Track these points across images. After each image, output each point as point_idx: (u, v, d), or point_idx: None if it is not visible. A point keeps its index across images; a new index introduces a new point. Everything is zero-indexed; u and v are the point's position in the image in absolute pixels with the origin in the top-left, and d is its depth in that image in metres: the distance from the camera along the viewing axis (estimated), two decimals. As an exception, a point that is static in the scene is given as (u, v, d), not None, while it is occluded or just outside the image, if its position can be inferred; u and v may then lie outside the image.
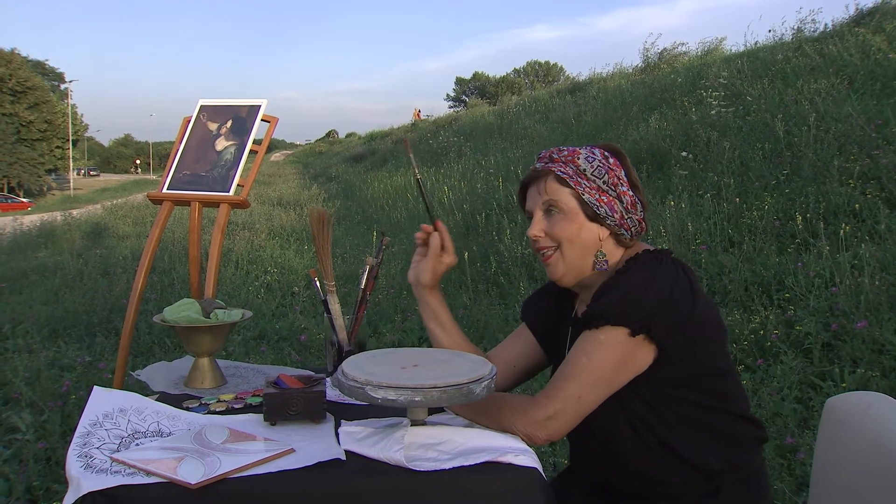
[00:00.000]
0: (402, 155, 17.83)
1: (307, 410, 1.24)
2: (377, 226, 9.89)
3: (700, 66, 11.10)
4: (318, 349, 4.77)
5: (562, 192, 1.29)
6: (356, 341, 1.52)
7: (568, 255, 1.30)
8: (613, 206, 1.29)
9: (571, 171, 1.29)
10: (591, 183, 1.28)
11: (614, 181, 1.29)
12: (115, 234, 11.23)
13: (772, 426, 2.86)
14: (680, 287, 1.20)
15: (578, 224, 1.29)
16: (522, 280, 5.54)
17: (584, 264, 1.31)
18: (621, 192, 1.29)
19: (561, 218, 1.29)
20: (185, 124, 2.28)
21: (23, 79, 39.24)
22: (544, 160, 1.34)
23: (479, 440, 1.13)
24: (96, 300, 6.16)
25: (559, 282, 1.35)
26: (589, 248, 1.30)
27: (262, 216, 11.33)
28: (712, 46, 13.99)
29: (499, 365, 1.45)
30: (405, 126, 27.35)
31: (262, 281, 6.91)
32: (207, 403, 1.39)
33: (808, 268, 4.04)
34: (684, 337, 1.19)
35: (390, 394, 1.05)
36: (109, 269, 7.72)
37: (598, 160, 1.29)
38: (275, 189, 16.32)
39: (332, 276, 1.51)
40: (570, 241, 1.29)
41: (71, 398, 3.60)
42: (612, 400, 1.21)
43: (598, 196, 1.28)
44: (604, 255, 1.30)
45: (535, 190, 1.33)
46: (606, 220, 1.29)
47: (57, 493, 2.67)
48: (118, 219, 13.07)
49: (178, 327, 1.51)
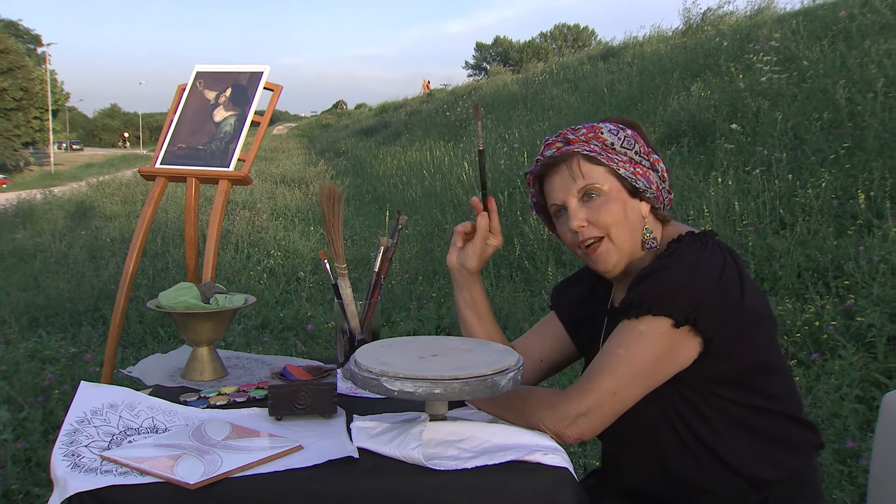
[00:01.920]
0: (418, 128, 17.79)
1: (316, 404, 1.24)
2: (390, 205, 9.90)
3: (749, 27, 10.90)
4: (326, 340, 4.80)
5: (596, 172, 1.27)
6: (369, 329, 1.52)
7: (619, 240, 1.28)
8: (649, 176, 1.29)
9: (598, 147, 1.28)
10: (622, 156, 1.27)
11: (644, 150, 1.29)
12: (101, 213, 11.33)
13: (829, 429, 2.83)
14: (728, 273, 1.19)
15: (623, 203, 1.27)
16: (550, 264, 5.53)
17: (636, 246, 1.30)
18: (654, 161, 1.29)
19: (603, 201, 1.27)
20: (179, 93, 2.28)
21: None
22: (558, 144, 1.31)
23: (504, 437, 1.13)
24: (82, 286, 6.22)
25: (609, 273, 1.32)
26: (636, 226, 1.29)
27: (264, 194, 11.37)
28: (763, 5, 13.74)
29: (524, 358, 1.45)
30: (420, 97, 27.27)
31: (265, 265, 6.95)
32: (207, 397, 1.40)
33: (872, 252, 3.98)
34: (732, 329, 1.18)
35: (407, 385, 1.05)
36: (96, 251, 7.81)
37: (620, 132, 1.29)
38: (278, 165, 16.37)
39: (343, 257, 1.51)
40: (619, 224, 1.27)
41: (54, 393, 3.63)
42: (652, 397, 1.21)
43: (633, 168, 1.27)
44: (651, 232, 1.29)
45: (562, 177, 1.30)
46: (646, 193, 1.28)
47: (38, 498, 2.68)
48: (105, 197, 13.16)
49: (174, 314, 1.52)
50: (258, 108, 2.23)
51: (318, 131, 32.24)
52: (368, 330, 1.52)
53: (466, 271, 1.41)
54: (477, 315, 1.43)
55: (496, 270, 5.89)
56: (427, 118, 18.71)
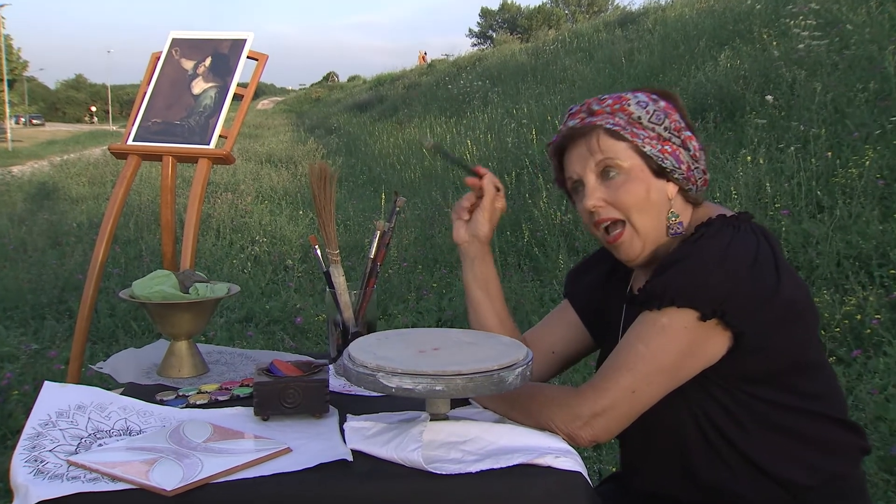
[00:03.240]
0: (417, 103, 17.76)
1: (306, 403, 1.25)
2: (387, 187, 9.89)
3: (784, -12, 10.84)
4: (316, 334, 4.81)
5: (618, 148, 1.27)
6: (364, 321, 1.52)
7: (642, 226, 1.28)
8: (679, 155, 1.27)
9: (623, 121, 1.27)
10: (650, 132, 1.27)
11: (676, 125, 1.28)
12: (66, 195, 11.33)
13: (873, 433, 2.82)
14: (762, 260, 1.18)
15: (646, 183, 1.27)
16: (561, 252, 5.53)
17: (660, 231, 1.29)
18: (686, 138, 1.28)
19: (623, 180, 1.27)
20: (153, 62, 2.28)
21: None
22: (581, 115, 1.31)
23: (511, 438, 1.14)
24: (44, 276, 6.22)
25: (632, 263, 1.33)
26: (661, 210, 1.28)
27: (248, 175, 11.38)
28: (800, -36, 13.65)
29: (534, 351, 1.45)
30: (419, 68, 27.19)
31: (249, 252, 6.96)
32: (186, 395, 1.40)
33: (921, 237, 3.97)
34: (766, 322, 1.17)
35: (406, 382, 1.05)
36: (61, 238, 7.82)
37: (651, 104, 1.28)
38: (263, 143, 16.36)
39: (335, 243, 1.51)
40: (641, 207, 1.27)
41: (13, 394, 3.63)
42: (676, 395, 1.21)
43: (660, 146, 1.26)
44: (676, 216, 1.29)
45: (580, 152, 1.30)
46: (674, 173, 1.27)
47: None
48: (70, 178, 13.15)
49: (150, 304, 1.52)
50: (241, 80, 2.23)
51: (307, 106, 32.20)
52: (363, 322, 1.52)
53: (478, 241, 1.43)
54: (488, 295, 1.44)
55: (503, 258, 5.89)
56: (427, 91, 18.67)
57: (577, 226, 5.90)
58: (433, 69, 24.01)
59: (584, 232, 5.73)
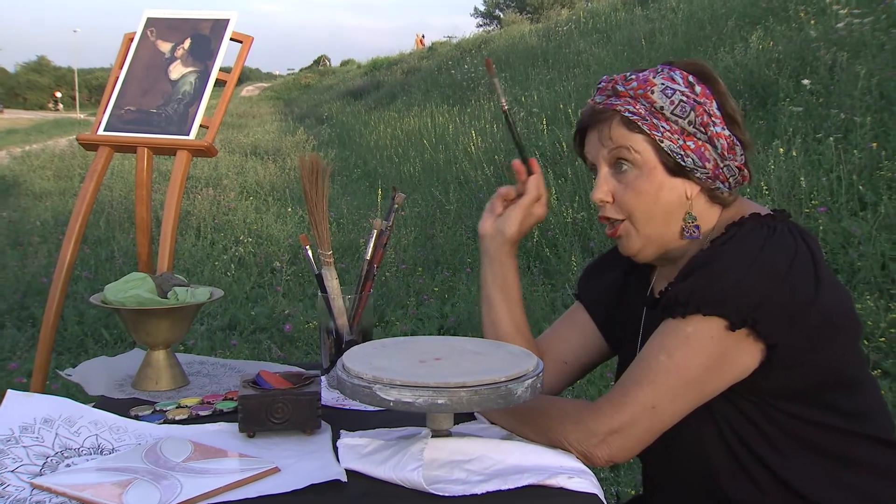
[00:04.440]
0: (417, 89, 17.76)
1: (296, 418, 1.25)
2: (384, 182, 9.90)
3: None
4: (306, 343, 4.82)
5: (632, 140, 1.27)
6: (359, 328, 1.53)
7: (642, 226, 1.30)
8: (703, 152, 1.27)
9: (643, 109, 1.27)
10: (672, 124, 1.26)
11: (704, 119, 1.26)
12: (29, 190, 11.31)
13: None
14: (799, 264, 1.18)
15: (657, 183, 1.27)
16: (574, 253, 5.53)
17: (668, 234, 1.30)
18: (714, 134, 1.27)
19: (635, 176, 1.28)
20: (126, 44, 2.29)
21: None
22: (606, 93, 1.32)
23: (520, 457, 1.14)
24: (4, 280, 6.23)
25: (635, 258, 1.34)
26: (673, 211, 1.29)
27: (231, 169, 11.38)
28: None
29: (545, 360, 1.45)
30: (419, 51, 27.20)
31: (233, 254, 6.97)
32: (164, 410, 1.40)
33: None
34: (802, 334, 1.17)
35: (405, 395, 1.05)
36: (22, 237, 7.81)
37: (679, 91, 1.27)
38: (248, 133, 16.36)
39: (328, 243, 1.52)
40: (644, 209, 1.28)
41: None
42: (702, 411, 1.21)
43: (681, 141, 1.26)
44: (693, 219, 1.29)
45: (596, 136, 1.31)
46: (695, 172, 1.27)
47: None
48: (33, 171, 13.13)
49: (124, 310, 1.52)
50: (224, 64, 2.23)
51: (296, 93, 32.19)
52: (358, 330, 1.53)
53: (503, 238, 1.42)
54: (506, 297, 1.44)
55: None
56: (427, 77, 18.66)
57: (592, 224, 5.91)
58: (434, 53, 24.00)
59: (599, 231, 5.73)
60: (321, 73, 40.46)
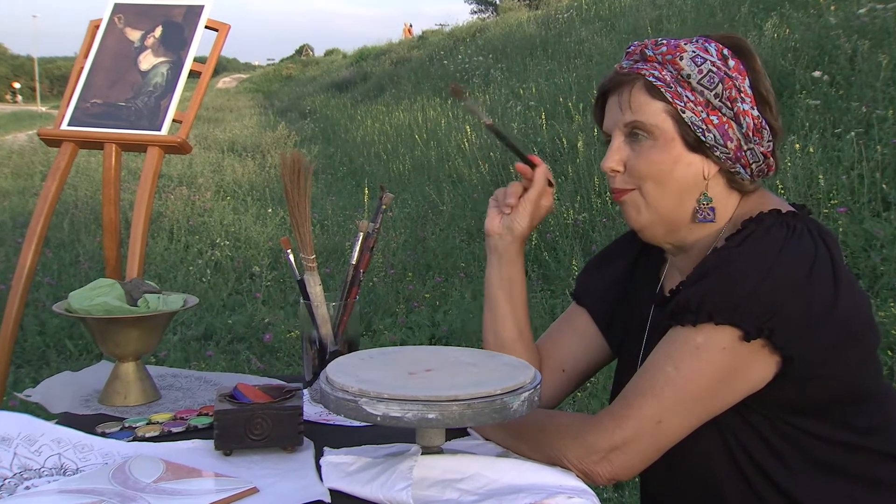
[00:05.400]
0: (406, 81, 17.78)
1: (276, 434, 1.25)
2: (371, 181, 9.90)
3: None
4: (288, 354, 4.81)
5: (652, 108, 1.27)
6: (345, 338, 1.52)
7: (654, 198, 1.29)
8: (727, 129, 1.26)
9: (669, 76, 1.27)
10: (698, 95, 1.26)
11: (732, 94, 1.26)
12: (-17, 190, 11.29)
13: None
14: (819, 269, 1.17)
15: (674, 155, 1.27)
16: (575, 256, 5.54)
17: (680, 213, 1.30)
18: (741, 111, 1.26)
19: (650, 146, 1.28)
20: (92, 31, 2.28)
21: None
22: (633, 57, 1.32)
23: (517, 475, 1.14)
24: (-44, 286, 6.20)
25: (640, 233, 1.34)
26: (688, 189, 1.29)
27: (207, 167, 11.38)
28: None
29: (542, 369, 1.46)
30: (409, 40, 27.21)
31: (209, 258, 6.96)
32: (133, 427, 1.40)
33: None
34: (821, 345, 1.17)
35: (394, 409, 1.05)
36: (-25, 240, 7.79)
37: (710, 62, 1.27)
38: (225, 129, 16.36)
39: (311, 246, 1.51)
40: (658, 179, 1.28)
41: None
42: (709, 424, 1.21)
43: (705, 114, 1.26)
44: (709, 201, 1.29)
45: (616, 102, 1.31)
46: (715, 150, 1.27)
47: None
48: (-12, 168, 13.10)
49: (90, 319, 1.52)
50: (198, 54, 2.23)
51: (276, 85, 32.17)
52: (343, 339, 1.53)
53: (512, 236, 1.43)
54: (511, 300, 1.45)
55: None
56: (418, 68, 18.68)
57: (594, 226, 5.92)
58: (425, 42, 24.01)
59: (601, 233, 5.74)
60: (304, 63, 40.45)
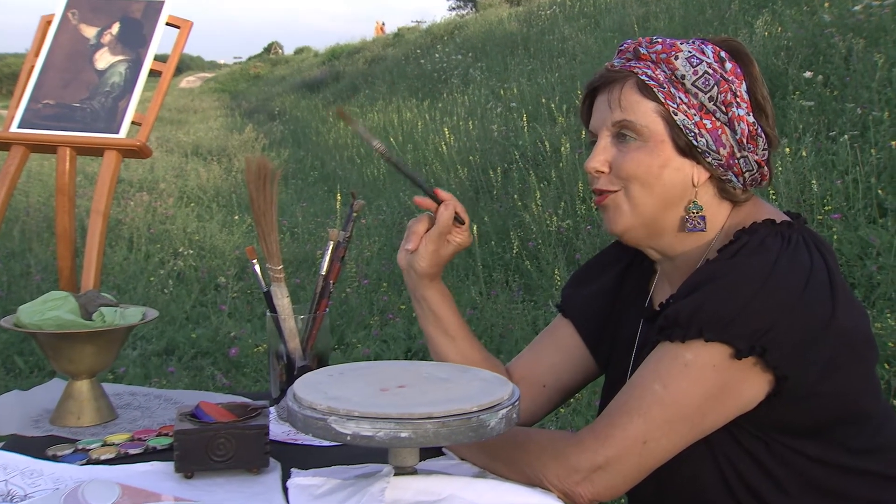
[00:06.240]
0: (380, 81, 17.80)
1: (241, 455, 1.24)
2: (343, 186, 9.89)
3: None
4: (255, 369, 4.80)
5: (643, 108, 1.28)
6: (314, 353, 1.52)
7: (639, 200, 1.29)
8: (720, 135, 1.27)
9: (663, 75, 1.28)
10: (691, 98, 1.27)
11: (727, 98, 1.27)
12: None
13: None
14: (815, 283, 1.18)
15: (662, 158, 1.28)
16: (559, 265, 5.55)
17: (665, 220, 1.31)
18: (735, 117, 1.27)
19: (638, 147, 1.28)
20: (43, 27, 2.27)
21: None
22: (626, 55, 1.33)
23: (495, 497, 1.14)
24: None
25: (621, 237, 1.35)
26: (675, 195, 1.29)
27: (169, 171, 11.32)
28: None
29: (521, 385, 1.46)
30: (384, 39, 27.24)
31: (171, 268, 6.92)
32: (87, 449, 1.39)
33: None
34: (816, 362, 1.18)
35: (364, 427, 1.05)
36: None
37: (706, 63, 1.28)
38: (189, 131, 16.31)
39: (278, 256, 1.51)
40: (645, 182, 1.28)
41: None
42: (700, 446, 1.22)
43: (698, 118, 1.27)
44: (699, 210, 1.29)
45: (606, 100, 1.32)
46: (707, 156, 1.27)
47: None
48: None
49: (41, 335, 1.51)
50: (159, 52, 2.22)
51: (243, 84, 32.12)
52: (313, 354, 1.53)
53: (416, 274, 1.44)
54: (444, 332, 1.46)
55: (487, 274, 5.91)
56: (394, 67, 18.70)
57: (579, 234, 5.94)
58: (401, 40, 24.05)
59: (586, 241, 5.76)
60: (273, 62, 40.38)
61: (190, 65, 60.07)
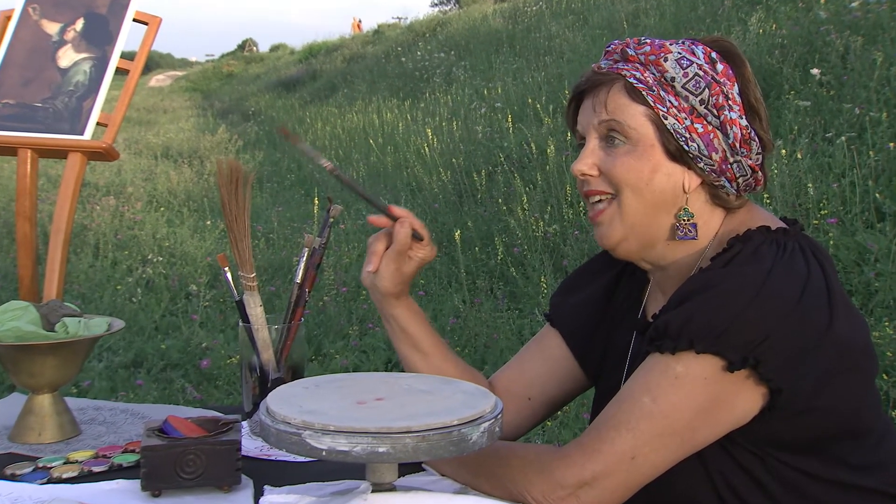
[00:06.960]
0: (360, 80, 17.80)
1: (211, 472, 1.24)
2: (321, 190, 9.88)
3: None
4: (228, 382, 4.78)
5: (632, 111, 1.28)
6: (288, 364, 1.52)
7: (630, 209, 1.29)
8: (712, 140, 1.27)
9: (652, 78, 1.28)
10: (682, 101, 1.27)
11: (719, 101, 1.27)
12: None
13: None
14: (812, 292, 1.18)
15: (652, 163, 1.28)
16: (545, 272, 5.56)
17: (655, 228, 1.31)
18: (728, 120, 1.28)
19: (626, 151, 1.29)
20: (3, 23, 2.26)
21: None
22: (613, 57, 1.33)
23: (478, 516, 1.14)
24: None
25: (613, 251, 1.35)
26: (665, 202, 1.29)
27: (137, 175, 11.29)
28: None
29: (506, 397, 1.46)
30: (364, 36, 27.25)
31: (139, 276, 6.90)
32: (48, 467, 1.38)
33: None
34: (812, 375, 1.18)
35: (340, 442, 1.05)
36: None
37: (696, 65, 1.28)
38: (158, 132, 16.25)
39: (251, 264, 1.51)
40: (636, 188, 1.28)
41: None
42: (694, 461, 1.22)
43: (688, 122, 1.27)
44: (690, 217, 1.29)
45: (592, 103, 1.32)
46: (698, 161, 1.28)
47: None
48: None
49: (0, 346, 1.50)
50: (126, 49, 2.22)
51: (216, 83, 32.05)
52: (287, 366, 1.52)
53: (380, 293, 1.45)
54: (415, 348, 1.47)
55: (470, 281, 5.91)
56: (373, 66, 18.71)
57: (566, 239, 5.95)
58: (381, 37, 24.07)
59: (574, 247, 5.78)
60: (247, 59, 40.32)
61: (159, 62, 59.89)
